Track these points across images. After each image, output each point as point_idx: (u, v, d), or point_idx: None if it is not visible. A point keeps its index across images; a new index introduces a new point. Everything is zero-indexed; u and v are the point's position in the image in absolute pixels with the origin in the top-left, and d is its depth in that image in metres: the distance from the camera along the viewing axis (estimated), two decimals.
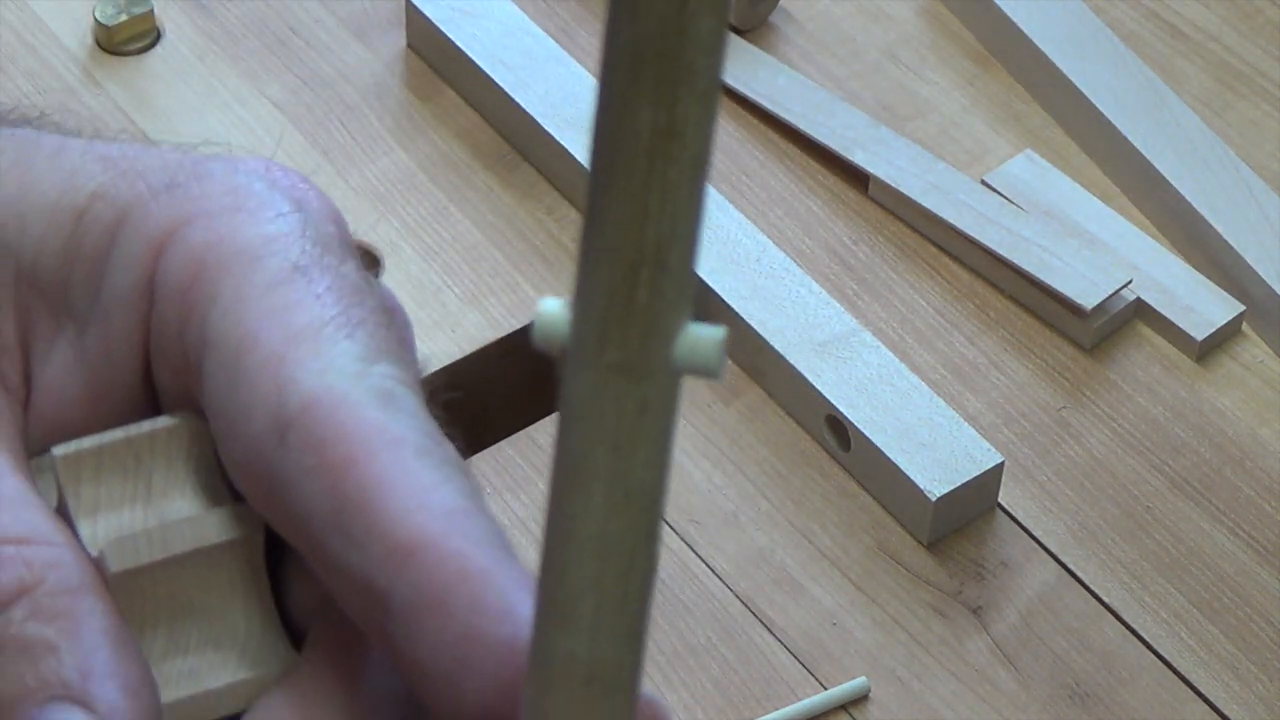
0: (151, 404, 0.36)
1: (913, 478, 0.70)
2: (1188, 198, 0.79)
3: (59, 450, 0.35)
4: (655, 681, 0.67)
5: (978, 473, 0.70)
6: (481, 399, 0.76)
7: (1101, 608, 0.70)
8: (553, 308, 0.29)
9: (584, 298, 0.29)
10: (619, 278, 0.29)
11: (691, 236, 0.29)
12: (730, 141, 0.83)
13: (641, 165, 0.28)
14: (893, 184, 0.80)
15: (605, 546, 0.30)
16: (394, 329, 0.36)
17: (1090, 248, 0.78)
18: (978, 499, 0.71)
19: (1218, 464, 0.74)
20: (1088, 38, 0.85)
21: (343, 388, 0.33)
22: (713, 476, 0.72)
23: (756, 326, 0.74)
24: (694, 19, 0.28)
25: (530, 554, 0.69)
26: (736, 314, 0.74)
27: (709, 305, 0.75)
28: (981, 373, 0.76)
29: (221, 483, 0.36)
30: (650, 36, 0.28)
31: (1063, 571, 0.70)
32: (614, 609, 0.30)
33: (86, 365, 0.36)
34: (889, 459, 0.70)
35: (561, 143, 0.79)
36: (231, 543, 0.36)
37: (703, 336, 0.29)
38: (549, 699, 0.31)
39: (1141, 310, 0.78)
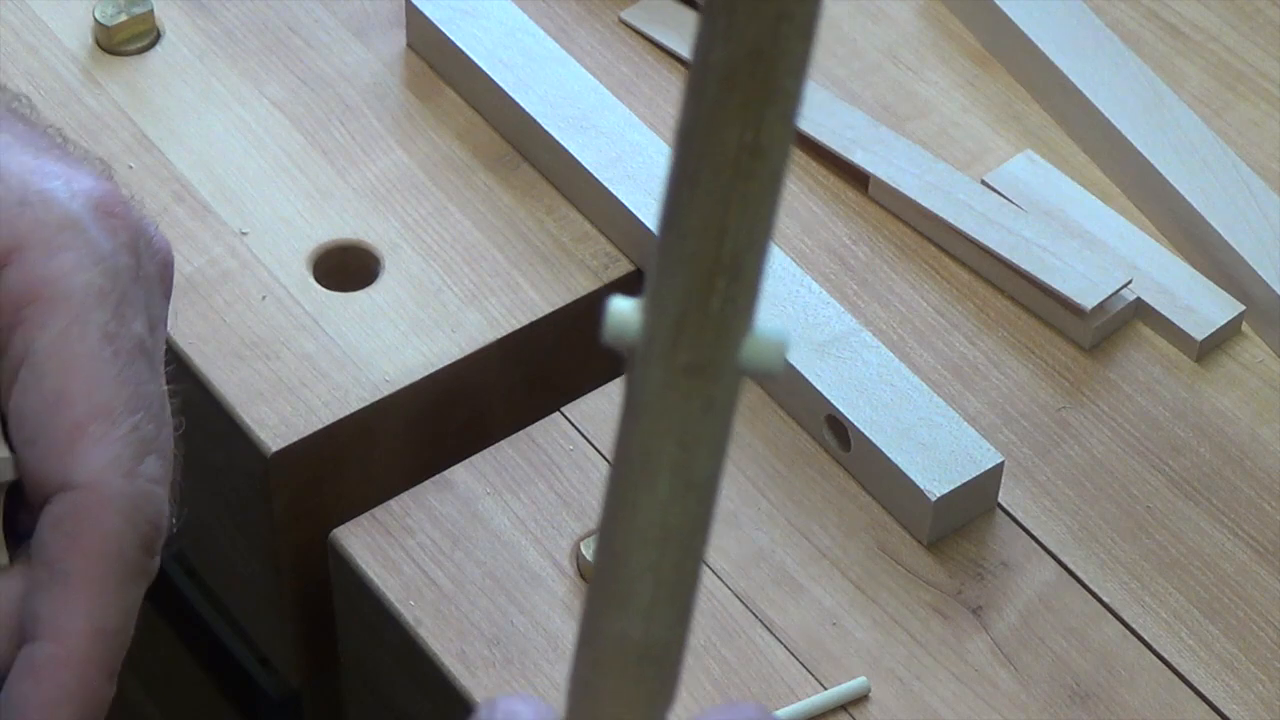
0: None
1: (913, 478, 0.70)
2: (1188, 198, 0.79)
3: None
4: None
5: (978, 473, 0.70)
6: (481, 399, 0.76)
7: (1101, 608, 0.70)
8: (624, 307, 0.31)
9: (659, 301, 0.30)
10: (696, 284, 0.30)
11: (765, 248, 0.31)
12: None
13: (725, 180, 0.30)
14: (893, 184, 0.80)
15: (665, 535, 0.31)
16: (160, 420, 0.47)
17: (1090, 248, 0.78)
18: (978, 499, 0.71)
19: (1218, 464, 0.74)
20: (1088, 38, 0.85)
21: (113, 487, 0.46)
22: None
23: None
24: (786, 42, 0.29)
25: (530, 554, 0.69)
26: None
27: None
28: (981, 373, 0.76)
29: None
30: (743, 58, 0.29)
31: (1063, 571, 0.71)
32: (669, 593, 0.32)
33: None
34: (889, 459, 0.70)
35: (561, 143, 0.79)
36: None
37: (769, 340, 0.31)
38: (600, 676, 0.32)
39: (1141, 310, 0.78)
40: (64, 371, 0.46)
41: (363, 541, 0.70)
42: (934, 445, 0.70)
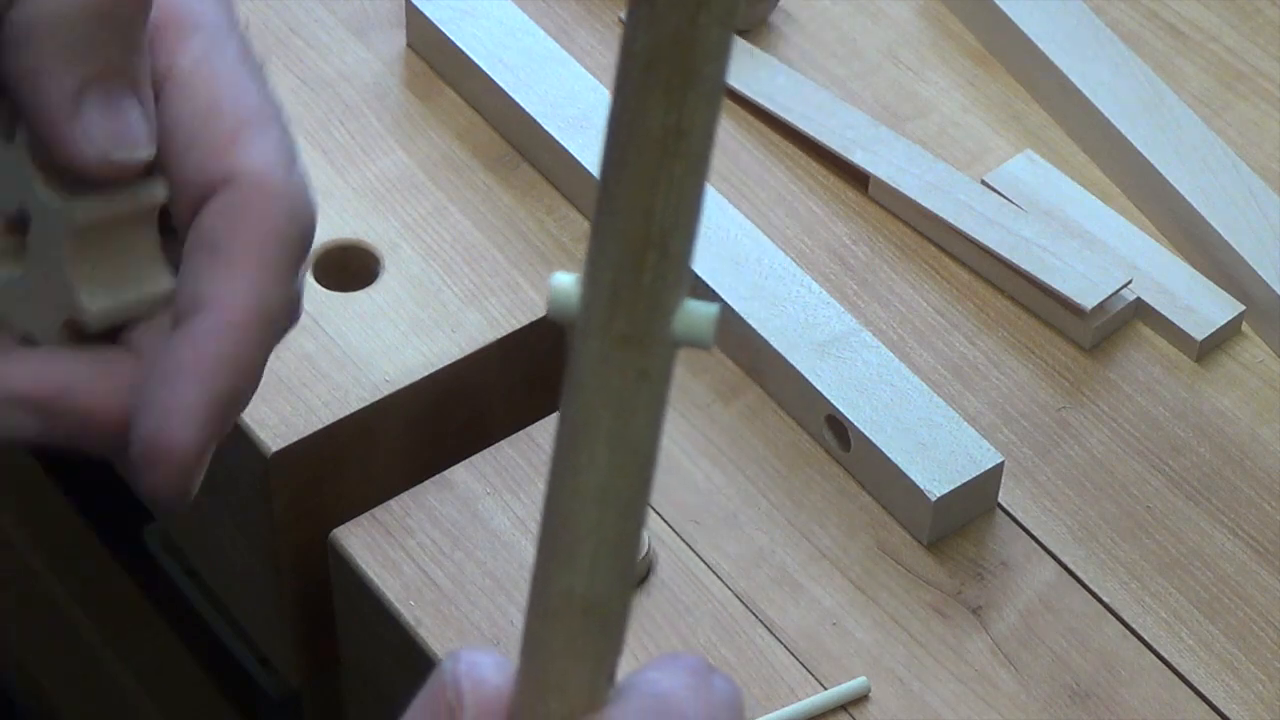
0: None
1: (913, 478, 0.70)
2: (1188, 198, 0.79)
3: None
4: None
5: (978, 473, 0.70)
6: (481, 399, 0.76)
7: (1101, 608, 0.70)
8: (566, 282, 0.33)
9: (594, 276, 0.33)
10: (627, 260, 0.32)
11: (692, 225, 0.32)
12: (730, 141, 0.83)
13: (651, 161, 0.32)
14: (893, 184, 0.80)
15: (606, 497, 0.33)
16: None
17: (1090, 248, 0.78)
18: (978, 499, 0.71)
19: (1218, 464, 0.74)
20: (1088, 38, 0.85)
21: (276, 179, 0.47)
22: (713, 476, 0.72)
23: (756, 326, 0.74)
24: (704, 30, 0.31)
25: (530, 554, 0.69)
26: (736, 314, 0.74)
27: None
28: (981, 373, 0.76)
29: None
30: (663, 44, 0.31)
31: (1063, 571, 0.71)
32: (610, 552, 0.34)
33: None
34: (889, 459, 0.70)
35: (561, 143, 0.79)
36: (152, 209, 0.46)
37: (699, 312, 0.33)
38: (549, 629, 0.35)
39: (1141, 310, 0.78)
40: (213, 84, 0.47)
41: (363, 541, 0.70)
42: (934, 445, 0.70)
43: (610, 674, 0.36)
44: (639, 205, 0.32)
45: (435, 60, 0.84)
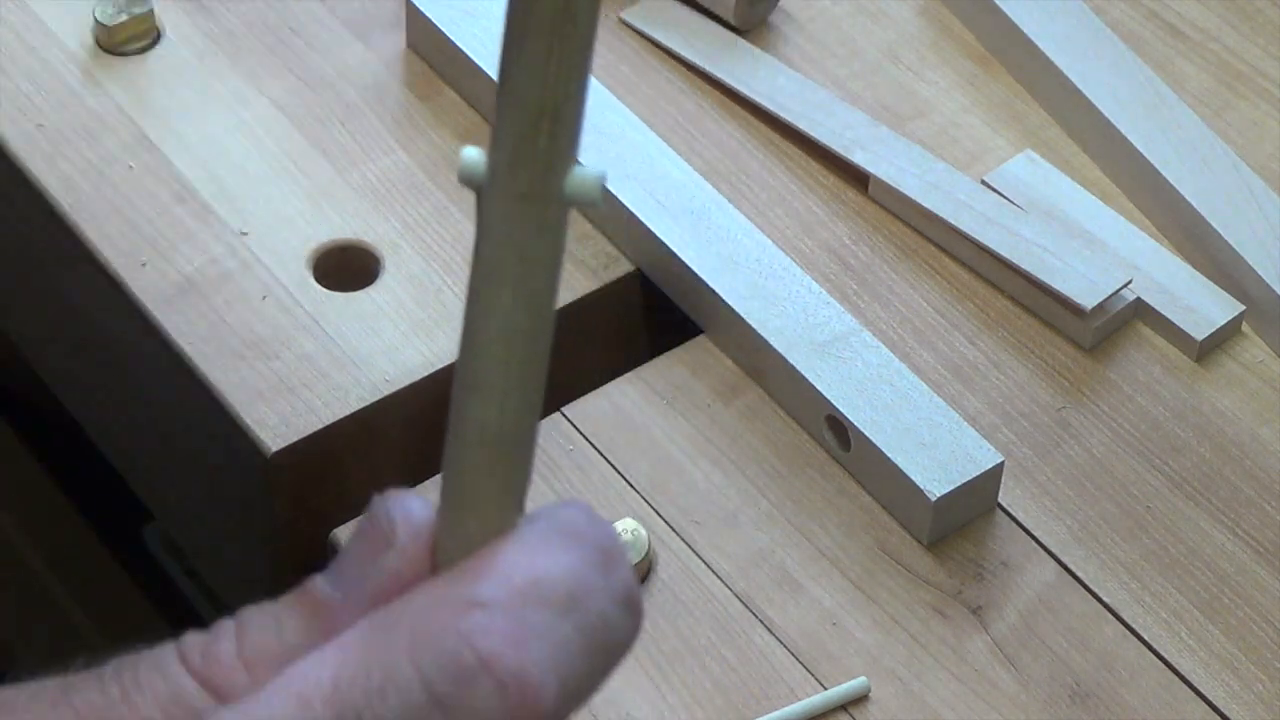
0: None
1: (913, 478, 0.70)
2: (1188, 198, 0.79)
3: None
4: (655, 681, 0.67)
5: (978, 473, 0.70)
6: None
7: (1101, 608, 0.70)
8: (473, 153, 0.38)
9: (497, 144, 0.37)
10: (525, 127, 0.37)
11: (580, 98, 0.37)
12: (730, 141, 0.83)
13: (544, 41, 0.36)
14: (893, 184, 0.80)
15: (512, 335, 0.38)
16: None
17: (1090, 248, 0.78)
18: (978, 499, 0.71)
19: (1218, 464, 0.74)
20: (1088, 38, 0.85)
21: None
22: (713, 476, 0.72)
23: (756, 326, 0.74)
24: None
25: None
26: (736, 314, 0.74)
27: (709, 305, 0.75)
28: (981, 373, 0.76)
29: None
30: None
31: (1063, 571, 0.71)
32: (517, 384, 0.38)
33: None
34: (889, 459, 0.70)
35: None
36: None
37: (588, 175, 0.38)
38: (464, 458, 0.39)
39: (1141, 310, 0.78)
40: None
41: None
42: (934, 445, 0.70)
43: (520, 500, 0.40)
44: (534, 80, 0.37)
45: (435, 60, 0.84)
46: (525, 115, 0.37)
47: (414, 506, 0.40)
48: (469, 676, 0.36)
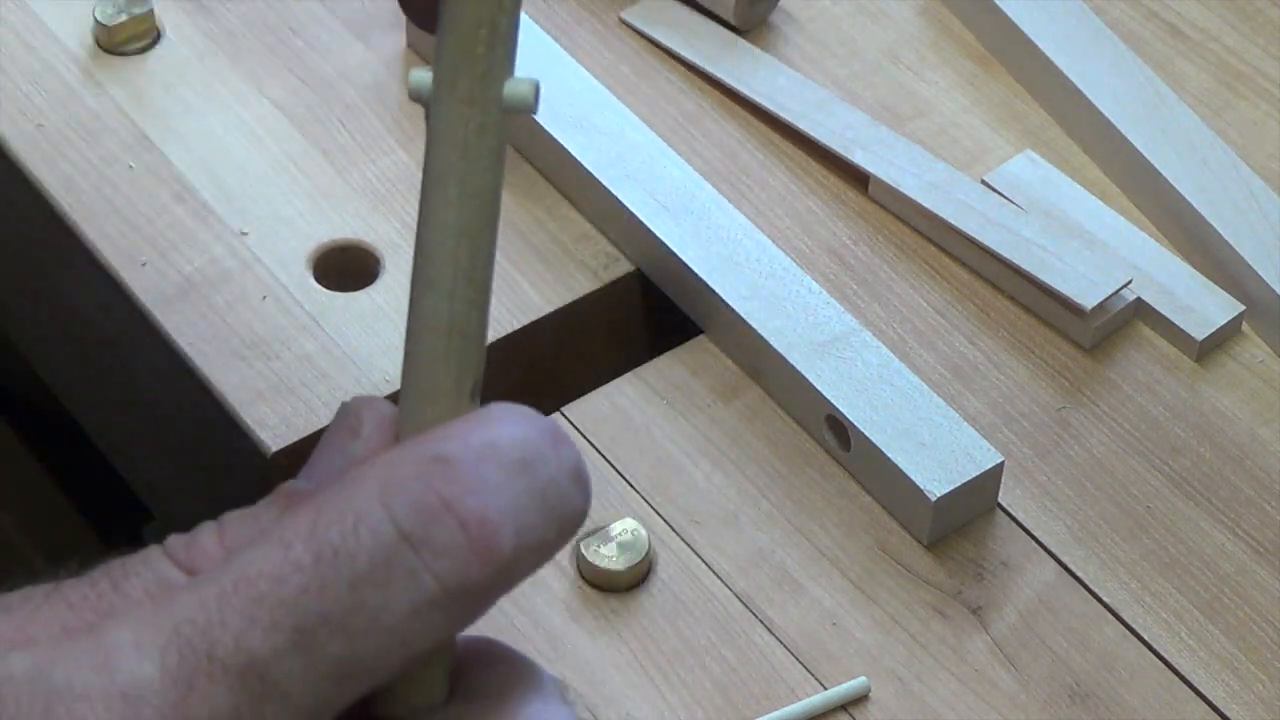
0: None
1: (913, 478, 0.70)
2: (1188, 198, 0.79)
3: None
4: (655, 681, 0.67)
5: (978, 473, 0.70)
6: (481, 398, 0.76)
7: (1101, 608, 0.70)
8: (421, 73, 0.42)
9: (441, 56, 0.42)
10: (465, 38, 0.41)
11: (514, 13, 0.42)
12: (730, 141, 0.83)
13: None
14: (893, 184, 0.80)
15: (459, 229, 0.42)
16: None
17: (1090, 248, 0.78)
18: (978, 499, 0.71)
19: (1218, 464, 0.74)
20: (1088, 38, 0.85)
21: None
22: (713, 476, 0.72)
23: (756, 326, 0.74)
24: None
25: None
26: (736, 314, 0.74)
27: (709, 305, 0.75)
28: (981, 373, 0.76)
29: None
30: None
31: (1063, 571, 0.71)
32: (465, 277, 0.42)
33: None
34: (889, 459, 0.70)
35: (561, 143, 0.79)
36: None
37: (522, 81, 0.42)
38: (418, 348, 0.42)
39: (1141, 310, 0.78)
40: None
41: None
42: (934, 445, 0.70)
43: (473, 391, 0.43)
44: None
45: None
46: (464, 28, 0.41)
47: (378, 403, 0.44)
48: (434, 516, 0.40)
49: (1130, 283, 0.77)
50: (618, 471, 0.72)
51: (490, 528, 0.40)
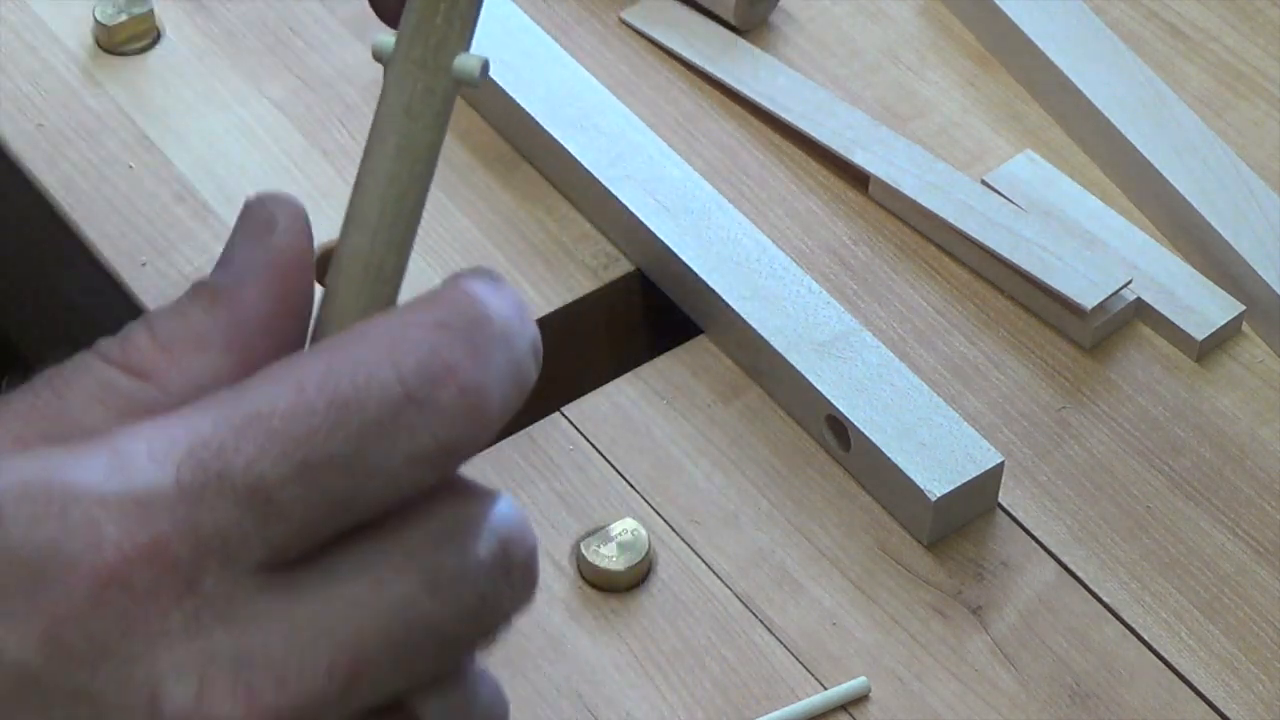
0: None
1: (913, 478, 0.70)
2: (1188, 198, 0.79)
3: None
4: (655, 681, 0.67)
5: (978, 473, 0.70)
6: None
7: (1101, 608, 0.70)
8: (385, 37, 0.45)
9: (404, 20, 0.45)
10: (428, 8, 0.45)
11: None
12: (730, 141, 0.83)
13: None
14: (893, 184, 0.80)
15: (390, 177, 0.45)
16: None
17: (1090, 248, 0.78)
18: (978, 499, 0.71)
19: (1218, 464, 0.74)
20: (1088, 38, 0.85)
21: None
22: (713, 476, 0.72)
23: (756, 326, 0.74)
24: None
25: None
26: (736, 314, 0.74)
27: (709, 305, 0.75)
28: (981, 372, 0.76)
29: None
30: None
31: (1063, 571, 0.71)
32: (390, 223, 0.45)
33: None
34: (889, 459, 0.70)
35: (561, 143, 0.79)
36: None
37: (473, 57, 0.45)
38: (339, 281, 0.46)
39: (1141, 310, 0.78)
40: None
41: None
42: (934, 445, 0.70)
43: None
44: None
45: None
46: (428, 1, 0.45)
47: (287, 199, 0.47)
48: (439, 379, 0.43)
49: (1130, 283, 0.77)
50: (618, 471, 0.72)
51: (483, 395, 0.44)
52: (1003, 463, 0.71)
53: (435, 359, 0.43)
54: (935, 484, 0.69)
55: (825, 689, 0.67)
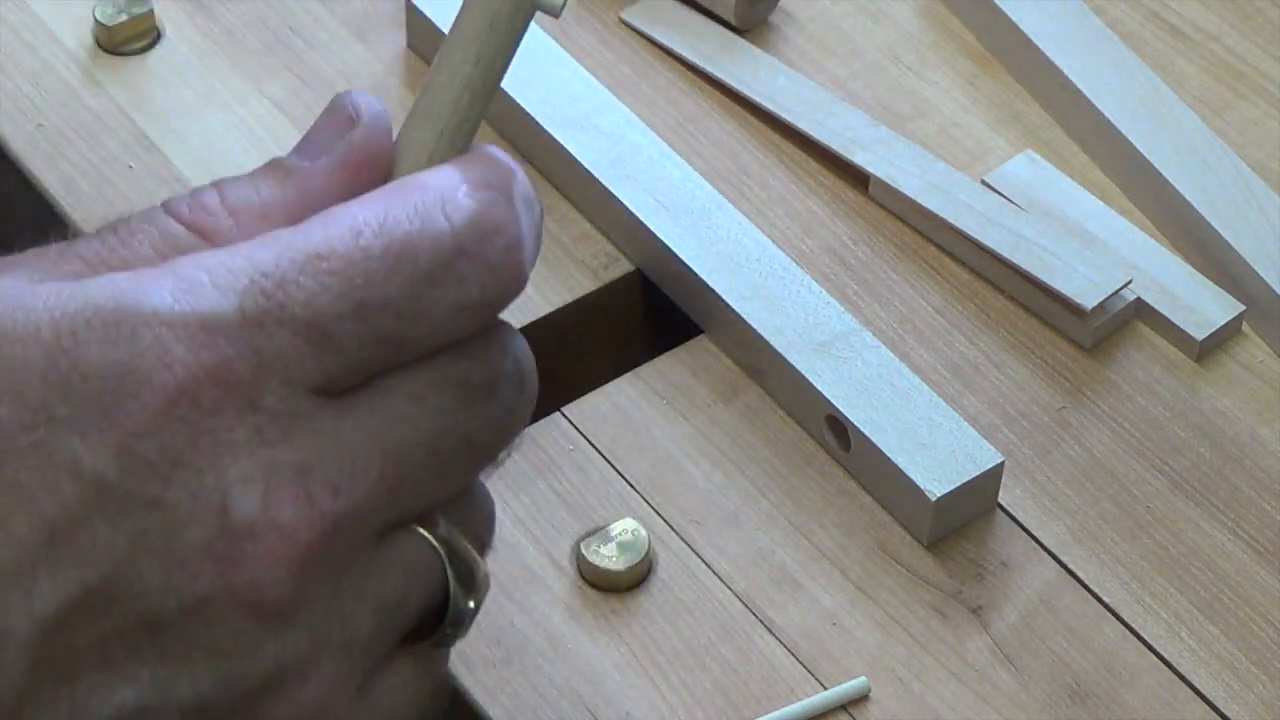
0: None
1: (913, 478, 0.70)
2: (1188, 198, 0.79)
3: None
4: (655, 681, 0.67)
5: (978, 473, 0.70)
6: None
7: (1101, 608, 0.70)
8: None
9: None
10: None
11: None
12: (730, 141, 0.83)
13: None
14: (893, 184, 0.80)
15: (467, 81, 0.49)
16: None
17: (1090, 248, 0.78)
18: (978, 499, 0.71)
19: (1218, 464, 0.74)
20: (1088, 38, 0.85)
21: None
22: (713, 476, 0.72)
23: (756, 326, 0.74)
24: None
25: (530, 554, 0.69)
26: (736, 314, 0.74)
27: (709, 305, 0.75)
28: (981, 372, 0.76)
29: None
30: None
31: (1063, 571, 0.71)
32: (458, 123, 0.49)
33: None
34: (889, 459, 0.70)
35: (561, 143, 0.79)
36: None
37: None
38: (399, 169, 0.49)
39: (1141, 310, 0.78)
40: None
41: None
42: (934, 445, 0.70)
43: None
44: None
45: None
46: None
47: (372, 98, 0.50)
48: (488, 234, 0.47)
49: (1130, 283, 0.77)
50: (618, 471, 0.72)
51: (524, 253, 0.48)
52: (1003, 463, 0.71)
53: (486, 215, 0.47)
54: (935, 484, 0.69)
55: (825, 689, 0.67)
